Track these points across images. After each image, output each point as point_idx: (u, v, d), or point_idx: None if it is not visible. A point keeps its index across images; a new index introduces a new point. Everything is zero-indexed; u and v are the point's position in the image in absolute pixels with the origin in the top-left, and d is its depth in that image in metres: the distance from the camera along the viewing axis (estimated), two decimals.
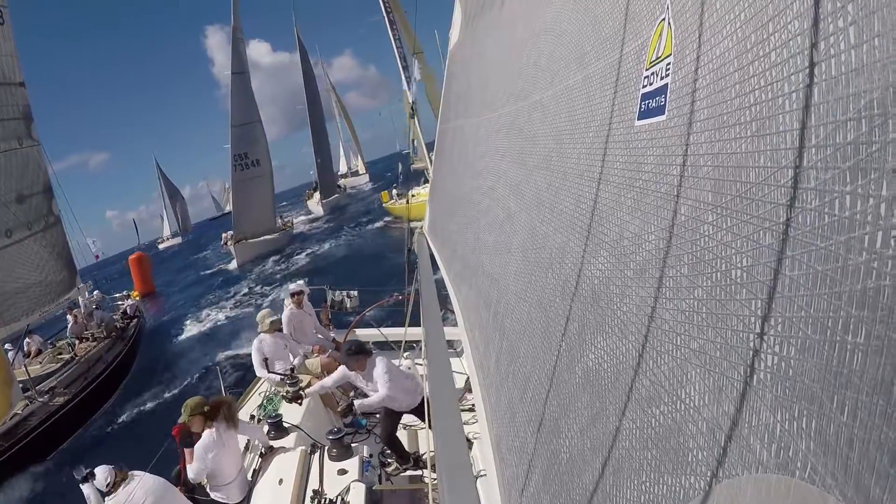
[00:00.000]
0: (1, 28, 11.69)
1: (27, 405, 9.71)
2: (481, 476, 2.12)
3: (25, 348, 12.07)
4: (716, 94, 0.74)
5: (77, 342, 12.81)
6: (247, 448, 4.51)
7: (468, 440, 3.64)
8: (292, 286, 6.24)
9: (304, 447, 4.17)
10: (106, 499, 3.29)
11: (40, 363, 11.68)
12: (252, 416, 4.88)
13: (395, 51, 27.41)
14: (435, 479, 2.66)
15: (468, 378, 4.88)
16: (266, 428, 4.61)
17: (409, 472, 4.51)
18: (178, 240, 64.03)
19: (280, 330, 5.95)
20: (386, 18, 26.18)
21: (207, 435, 3.76)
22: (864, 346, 0.46)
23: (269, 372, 5.36)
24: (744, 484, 0.60)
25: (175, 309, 23.36)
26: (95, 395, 11.20)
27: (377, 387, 4.39)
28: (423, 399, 4.43)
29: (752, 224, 0.63)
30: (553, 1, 1.82)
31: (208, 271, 30.64)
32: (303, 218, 44.04)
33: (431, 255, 4.54)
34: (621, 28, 1.16)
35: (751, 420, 0.60)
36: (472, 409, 4.55)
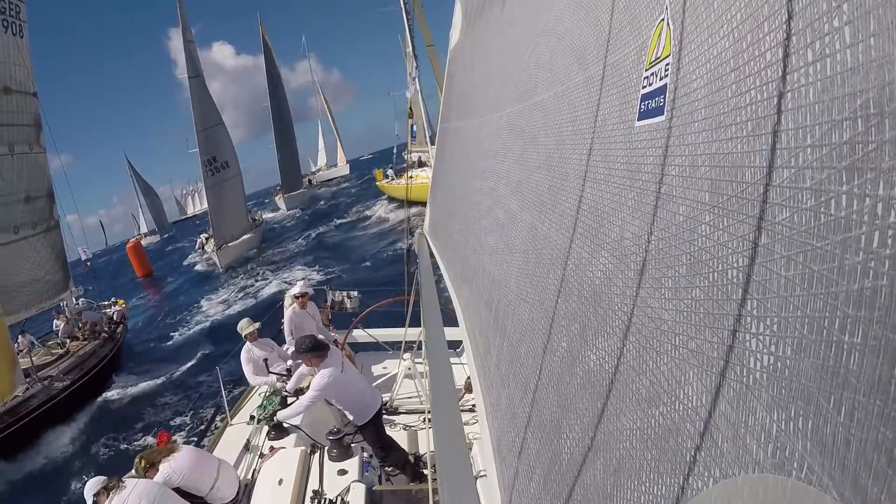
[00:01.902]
0: (21, 41, 13.08)
1: (27, 388, 10.50)
2: (481, 476, 2.12)
3: (17, 346, 12.59)
4: (713, 94, 0.74)
5: (69, 341, 13.66)
6: (246, 448, 4.52)
7: (468, 440, 3.65)
8: (295, 288, 6.26)
9: (304, 447, 4.18)
10: None
11: (34, 356, 12.30)
12: (252, 417, 4.89)
13: (409, 40, 27.98)
14: (435, 480, 2.66)
15: (467, 378, 4.88)
16: (266, 428, 4.62)
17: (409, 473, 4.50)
18: (157, 237, 64.25)
19: (281, 334, 5.99)
20: (403, 8, 26.76)
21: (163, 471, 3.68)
22: (860, 346, 0.46)
23: (268, 372, 5.38)
24: (740, 484, 0.60)
25: (171, 301, 24.63)
26: (91, 383, 12.15)
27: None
28: (378, 412, 4.34)
29: (748, 224, 0.63)
30: (554, 2, 1.82)
31: (195, 267, 31.07)
32: (271, 215, 45.29)
33: (432, 256, 4.54)
34: (622, 28, 1.16)
35: (747, 420, 0.60)
36: (472, 410, 4.54)
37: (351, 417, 4.37)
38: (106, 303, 16.45)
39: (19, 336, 12.89)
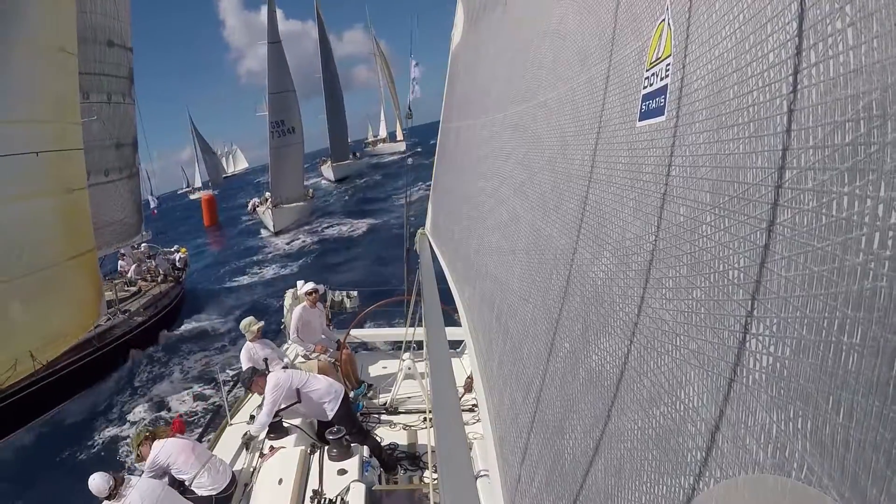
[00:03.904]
0: None
1: (108, 319, 11.74)
2: (483, 476, 2.12)
3: None
4: (714, 94, 0.74)
5: (139, 281, 15.04)
6: (246, 447, 4.53)
7: (468, 440, 3.64)
8: (308, 285, 6.41)
9: (303, 447, 4.18)
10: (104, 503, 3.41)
11: (113, 290, 13.22)
12: (252, 417, 4.89)
13: None
14: (435, 479, 2.66)
15: (467, 378, 4.88)
16: (266, 429, 4.63)
17: (407, 473, 4.51)
18: (210, 192, 66.29)
19: (280, 334, 6.06)
20: None
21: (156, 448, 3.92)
22: (859, 347, 0.46)
23: (268, 371, 5.41)
24: (741, 484, 0.60)
25: (234, 249, 26.97)
26: (164, 320, 13.67)
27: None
28: (342, 405, 4.48)
29: (748, 225, 0.63)
30: (556, 2, 1.82)
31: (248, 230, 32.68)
32: (316, 180, 47.25)
33: (433, 255, 4.53)
34: (624, 29, 1.16)
35: (747, 420, 0.61)
36: (471, 410, 4.54)
37: (312, 417, 4.59)
38: (168, 250, 17.34)
39: None
